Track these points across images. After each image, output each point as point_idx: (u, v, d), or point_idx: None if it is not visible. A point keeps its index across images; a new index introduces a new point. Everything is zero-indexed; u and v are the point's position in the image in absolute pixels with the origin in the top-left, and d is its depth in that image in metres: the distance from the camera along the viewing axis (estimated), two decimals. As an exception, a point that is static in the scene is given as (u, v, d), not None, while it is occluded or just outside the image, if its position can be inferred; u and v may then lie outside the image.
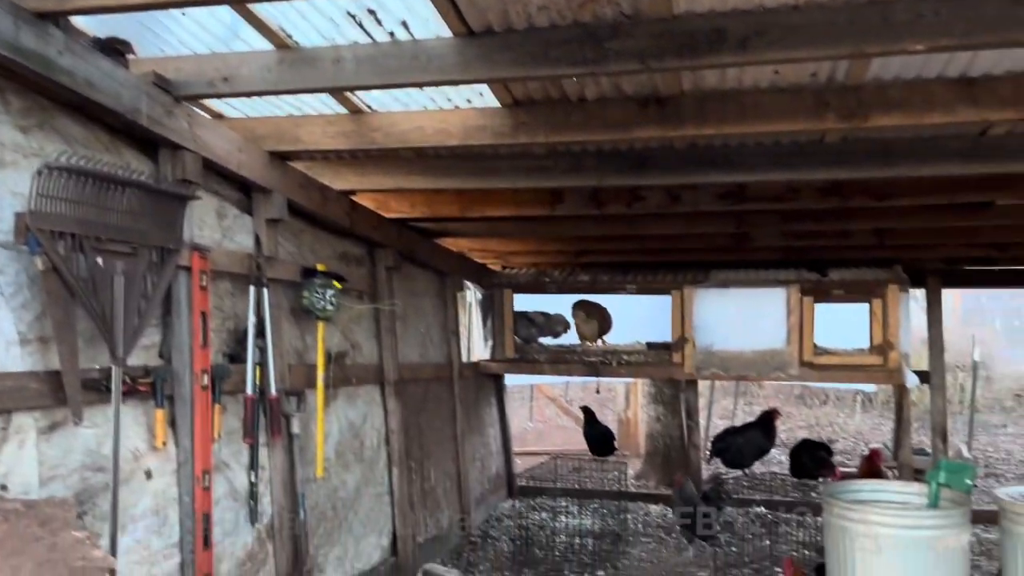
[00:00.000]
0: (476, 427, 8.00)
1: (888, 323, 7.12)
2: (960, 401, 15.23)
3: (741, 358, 7.44)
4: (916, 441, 9.97)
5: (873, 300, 7.23)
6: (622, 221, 6.24)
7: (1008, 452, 12.60)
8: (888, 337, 7.12)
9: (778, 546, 7.05)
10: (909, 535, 3.85)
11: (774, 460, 10.73)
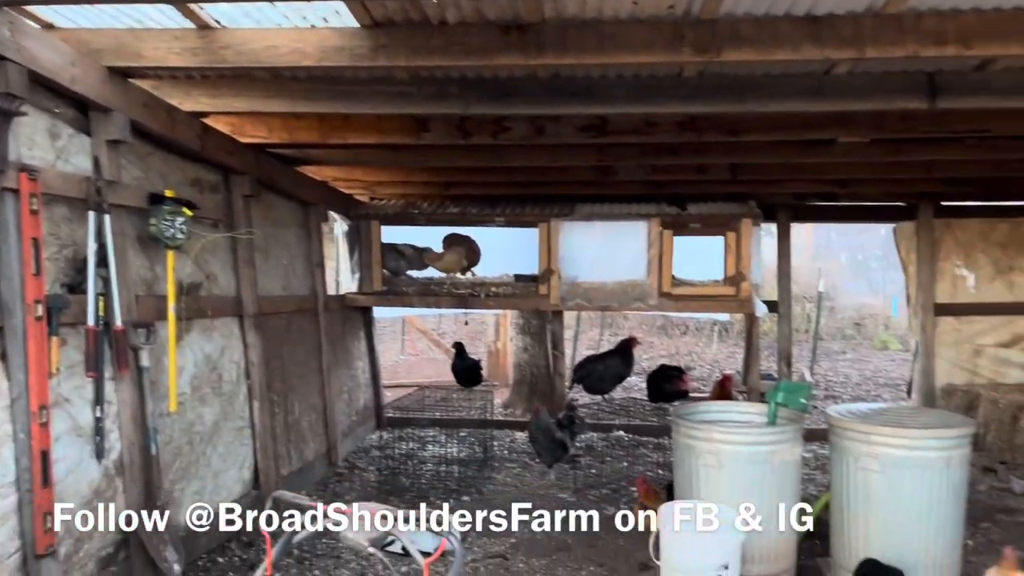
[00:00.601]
0: (343, 360, 7.92)
1: (741, 256, 7.49)
2: (806, 330, 16.30)
3: (604, 289, 7.67)
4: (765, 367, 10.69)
5: (728, 233, 7.58)
6: (488, 152, 6.21)
7: (846, 376, 13.66)
8: (741, 269, 7.49)
9: (635, 467, 7.43)
10: (747, 450, 4.14)
11: (636, 387, 11.24)
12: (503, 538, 5.53)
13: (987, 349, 8.58)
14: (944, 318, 8.56)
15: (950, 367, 8.57)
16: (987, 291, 8.54)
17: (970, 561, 5.23)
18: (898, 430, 4.10)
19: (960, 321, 8.57)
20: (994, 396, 7.50)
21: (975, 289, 8.55)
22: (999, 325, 8.56)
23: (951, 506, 4.10)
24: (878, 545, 4.06)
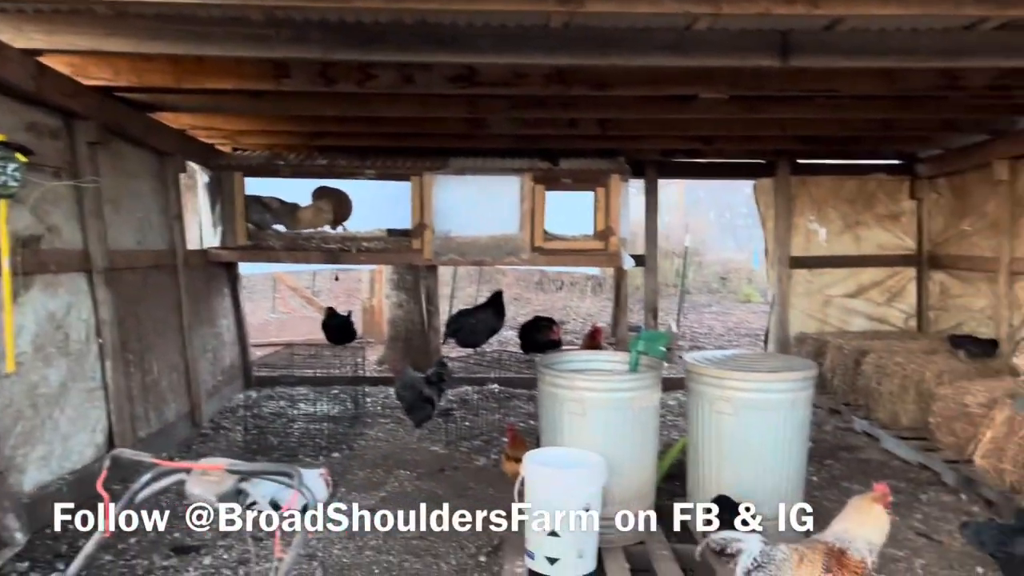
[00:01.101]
0: (206, 318, 7.62)
1: (610, 211, 7.64)
2: (675, 284, 16.89)
3: (477, 244, 7.67)
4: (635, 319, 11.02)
5: (598, 189, 7.71)
6: (355, 101, 6.03)
7: (711, 327, 14.29)
8: (610, 224, 7.65)
9: (508, 418, 7.53)
10: (609, 397, 4.25)
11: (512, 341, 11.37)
12: (373, 492, 5.52)
13: (835, 299, 9.16)
14: (798, 271, 9.06)
15: (803, 317, 9.10)
16: (836, 245, 9.09)
17: (814, 495, 5.65)
18: (748, 375, 4.31)
19: (812, 273, 9.10)
20: (840, 343, 8.02)
21: (826, 243, 9.08)
22: (846, 277, 9.14)
23: (795, 443, 4.36)
24: (729, 482, 4.28)
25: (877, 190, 9.03)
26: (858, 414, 7.33)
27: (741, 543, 3.49)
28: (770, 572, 3.38)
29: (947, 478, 5.75)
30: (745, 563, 3.43)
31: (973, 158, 7.80)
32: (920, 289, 9.01)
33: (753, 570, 3.40)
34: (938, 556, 4.61)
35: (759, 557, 3.41)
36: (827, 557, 3.37)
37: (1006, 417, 5.27)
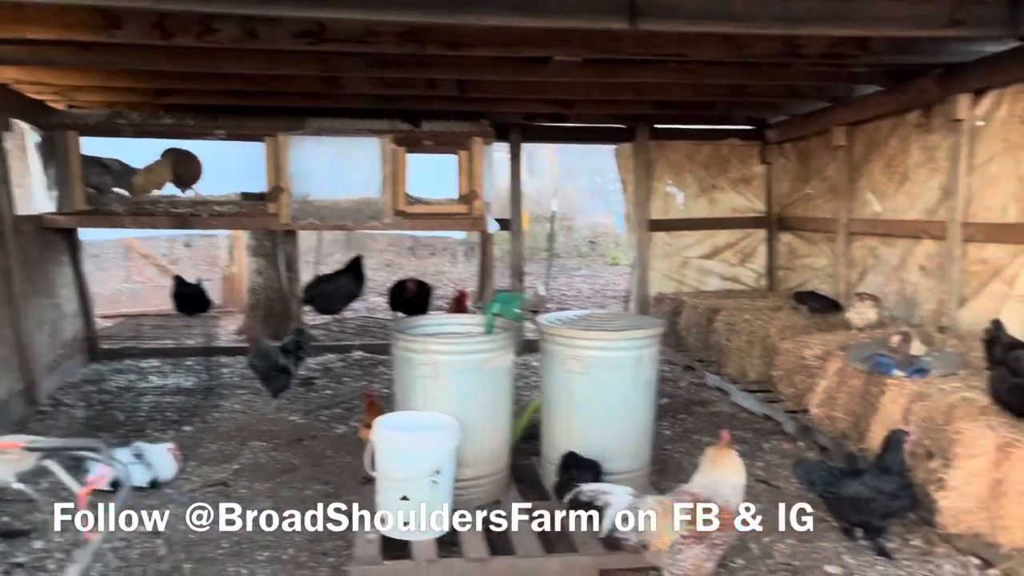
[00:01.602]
0: (43, 288, 7.09)
1: (473, 174, 7.58)
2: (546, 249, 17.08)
3: (337, 207, 7.46)
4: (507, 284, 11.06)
5: (460, 152, 7.63)
6: (197, 56, 5.69)
7: (579, 290, 14.58)
8: (473, 187, 7.60)
9: (373, 385, 7.44)
10: (462, 359, 4.24)
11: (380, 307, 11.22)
12: (226, 464, 5.33)
13: (692, 261, 9.51)
14: (657, 233, 9.34)
15: (662, 278, 9.41)
16: (693, 208, 9.41)
17: (665, 448, 5.88)
18: (597, 333, 4.40)
19: (670, 236, 9.40)
20: (695, 302, 8.33)
21: (683, 206, 9.38)
22: (702, 239, 9.50)
23: (642, 399, 4.49)
24: (580, 439, 4.37)
25: (730, 155, 9.39)
26: (710, 370, 7.66)
27: (609, 496, 3.57)
28: (635, 524, 3.47)
29: (788, 427, 6.10)
30: (612, 516, 3.51)
31: (815, 124, 8.21)
32: (770, 250, 9.48)
33: (619, 523, 3.49)
34: (776, 500, 4.89)
35: (626, 509, 3.49)
36: (692, 509, 3.45)
37: (838, 368, 5.62)
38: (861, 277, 7.65)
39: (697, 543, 3.44)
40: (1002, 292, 5.77)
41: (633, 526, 3.48)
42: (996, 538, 3.91)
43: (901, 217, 7.01)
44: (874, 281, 7.43)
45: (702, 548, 3.44)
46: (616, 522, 3.51)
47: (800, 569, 3.99)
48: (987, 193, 5.94)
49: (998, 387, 4.26)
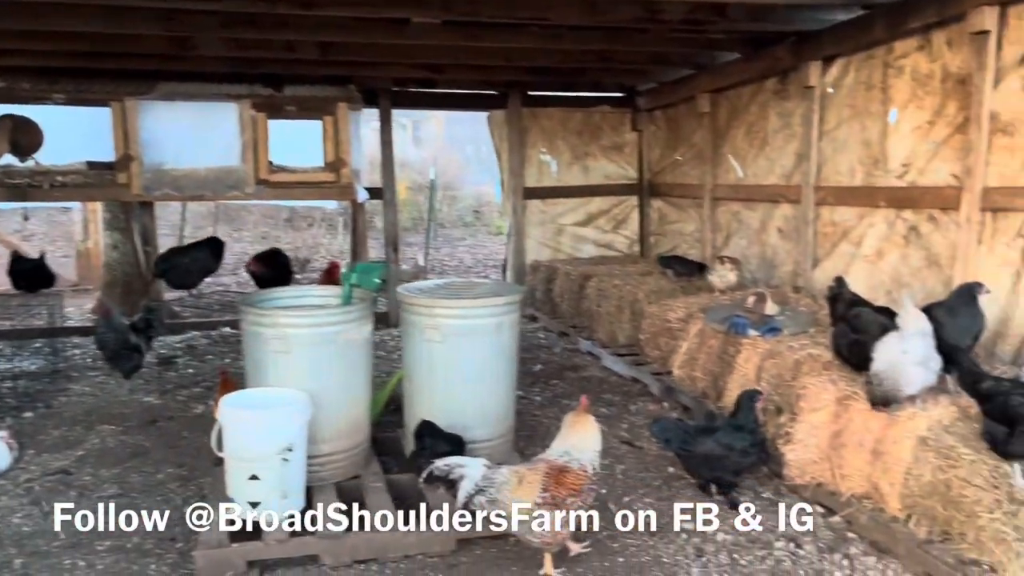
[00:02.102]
0: None
1: (340, 141, 7.34)
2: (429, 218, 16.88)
3: (195, 177, 7.08)
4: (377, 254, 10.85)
5: (325, 118, 7.36)
6: (22, 10, 5.24)
7: (461, 260, 14.49)
8: (340, 154, 7.35)
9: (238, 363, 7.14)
10: (314, 332, 4.08)
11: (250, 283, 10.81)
12: (69, 451, 5.00)
13: (567, 228, 9.57)
14: (532, 201, 9.34)
15: (537, 245, 9.43)
16: (567, 175, 9.45)
17: (535, 415, 5.90)
18: (454, 301, 4.33)
19: (545, 204, 9.42)
20: (568, 269, 8.40)
21: (557, 174, 9.41)
22: (577, 206, 9.56)
23: (504, 366, 4.46)
24: (441, 409, 4.30)
25: (602, 122, 9.46)
26: (583, 335, 7.75)
27: (464, 468, 3.53)
28: (491, 495, 3.45)
29: (653, 389, 6.23)
30: (467, 488, 3.47)
31: (682, 91, 8.35)
32: (642, 216, 9.64)
33: (475, 494, 3.46)
34: (637, 461, 4.98)
35: (480, 481, 3.47)
36: (547, 477, 3.48)
37: (698, 329, 5.76)
38: (726, 241, 7.87)
39: (552, 509, 3.45)
40: (850, 252, 6.04)
41: (489, 498, 3.46)
42: (837, 487, 4.09)
43: (761, 182, 7.23)
44: (738, 244, 7.66)
45: (558, 513, 3.46)
46: (472, 494, 3.48)
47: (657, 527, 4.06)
48: (837, 158, 6.17)
49: (839, 342, 4.44)
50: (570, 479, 3.49)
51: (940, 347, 3.85)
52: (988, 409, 3.37)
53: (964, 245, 4.87)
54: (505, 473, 3.52)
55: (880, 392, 3.85)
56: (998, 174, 4.69)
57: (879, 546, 3.77)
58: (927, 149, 5.26)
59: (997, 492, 3.23)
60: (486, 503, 3.47)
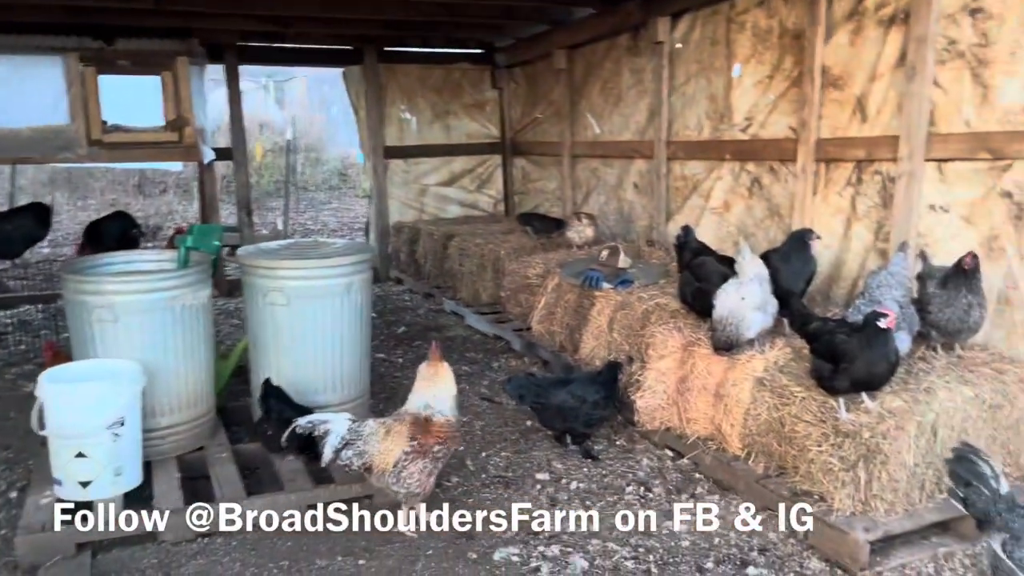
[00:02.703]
0: None
1: (180, 98, 6.91)
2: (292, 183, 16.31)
3: (18, 138, 6.54)
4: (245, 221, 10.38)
5: (163, 73, 6.90)
6: None
7: (325, 224, 14.10)
8: (182, 113, 6.94)
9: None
10: (145, 299, 3.81)
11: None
12: None
13: (431, 188, 9.43)
14: (394, 161, 9.14)
15: (401, 206, 9.26)
16: (428, 134, 9.29)
17: (396, 376, 5.82)
18: (299, 262, 4.14)
19: (408, 163, 9.24)
20: (431, 229, 8.29)
21: (418, 132, 9.23)
22: (440, 166, 9.43)
23: (356, 328, 4.33)
24: (289, 376, 4.13)
25: (462, 79, 9.33)
26: (447, 295, 7.69)
27: (329, 424, 3.44)
28: (358, 448, 3.39)
29: (515, 345, 6.26)
30: (334, 442, 3.39)
31: (538, 48, 8.33)
32: (505, 175, 9.61)
33: (342, 448, 3.39)
34: (496, 416, 4.99)
35: (347, 435, 3.40)
36: (413, 427, 3.46)
37: (555, 284, 5.80)
38: (586, 198, 7.96)
39: (420, 458, 3.44)
40: (701, 205, 6.21)
41: (356, 451, 3.40)
42: (684, 430, 4.22)
43: (617, 138, 7.32)
44: (597, 201, 7.76)
45: (425, 462, 3.45)
46: (339, 448, 3.40)
47: (512, 480, 4.08)
48: (686, 113, 6.31)
49: (684, 290, 4.56)
50: (436, 428, 3.49)
51: (776, 291, 4.01)
52: (816, 348, 3.53)
53: (801, 195, 5.10)
54: (372, 425, 3.47)
55: (722, 337, 3.98)
56: (830, 126, 4.91)
57: (722, 484, 3.93)
58: (767, 103, 5.45)
59: (824, 426, 3.41)
60: (354, 457, 3.41)
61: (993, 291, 3.96)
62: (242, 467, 3.99)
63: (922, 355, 3.88)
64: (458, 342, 6.72)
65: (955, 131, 4.12)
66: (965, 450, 2.95)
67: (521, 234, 7.49)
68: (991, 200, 4.00)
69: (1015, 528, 2.70)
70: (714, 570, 3.22)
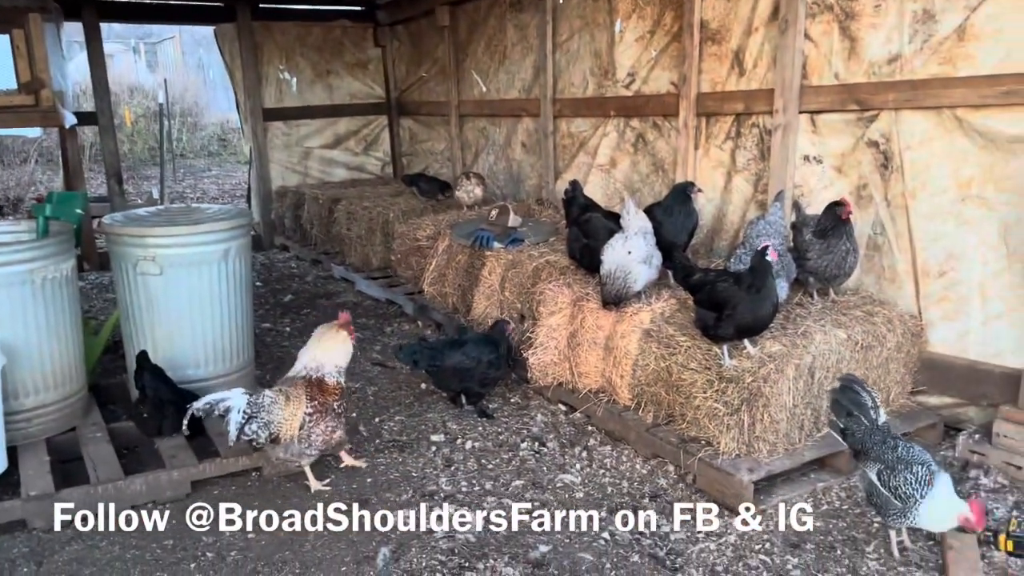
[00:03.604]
0: None
1: (35, 57, 6.40)
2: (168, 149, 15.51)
3: None
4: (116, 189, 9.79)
5: (14, 31, 6.36)
6: None
7: (205, 192, 13.52)
8: (37, 74, 6.43)
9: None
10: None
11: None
12: None
13: (315, 151, 9.13)
14: (274, 123, 8.79)
15: (283, 170, 8.94)
16: (309, 95, 8.96)
17: (283, 345, 5.65)
18: (171, 228, 3.92)
19: (289, 125, 8.91)
20: (316, 193, 8.04)
21: (298, 93, 8.89)
22: (323, 127, 9.13)
23: (236, 296, 4.14)
24: (165, 349, 3.94)
25: (343, 38, 9.02)
26: (335, 261, 7.50)
27: (228, 401, 3.34)
28: (263, 419, 3.32)
29: (408, 309, 6.17)
30: (237, 419, 3.29)
31: (421, 4, 8.12)
32: (392, 136, 9.41)
33: (246, 423, 3.30)
34: (389, 381, 4.92)
35: (248, 408, 3.31)
36: (308, 388, 3.42)
37: (446, 246, 5.73)
38: (475, 158, 7.88)
39: (323, 416, 3.42)
40: (588, 163, 6.24)
41: (261, 422, 3.32)
42: (576, 385, 4.26)
43: (504, 96, 7.25)
44: (486, 161, 7.69)
45: (328, 420, 3.43)
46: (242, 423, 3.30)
47: (407, 443, 4.03)
48: (571, 69, 6.29)
49: (572, 246, 4.58)
50: (329, 388, 3.47)
51: (659, 244, 4.07)
52: (699, 299, 3.61)
53: (683, 150, 5.18)
54: (270, 395, 3.40)
55: (611, 291, 4.01)
56: (710, 80, 4.99)
57: (614, 435, 3.99)
58: (649, 58, 5.49)
59: (709, 373, 3.49)
60: (260, 429, 3.33)
61: (863, 238, 4.14)
62: (120, 447, 3.79)
63: (799, 301, 4.03)
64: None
65: (826, 83, 4.25)
66: (849, 380, 3.09)
67: (410, 196, 7.37)
68: (860, 150, 4.17)
69: (889, 458, 2.85)
70: (608, 518, 3.28)
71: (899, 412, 3.87)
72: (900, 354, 3.82)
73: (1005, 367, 3.66)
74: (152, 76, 23.33)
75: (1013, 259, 3.60)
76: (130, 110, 16.69)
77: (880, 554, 3.00)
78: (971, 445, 3.59)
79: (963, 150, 3.71)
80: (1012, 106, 3.48)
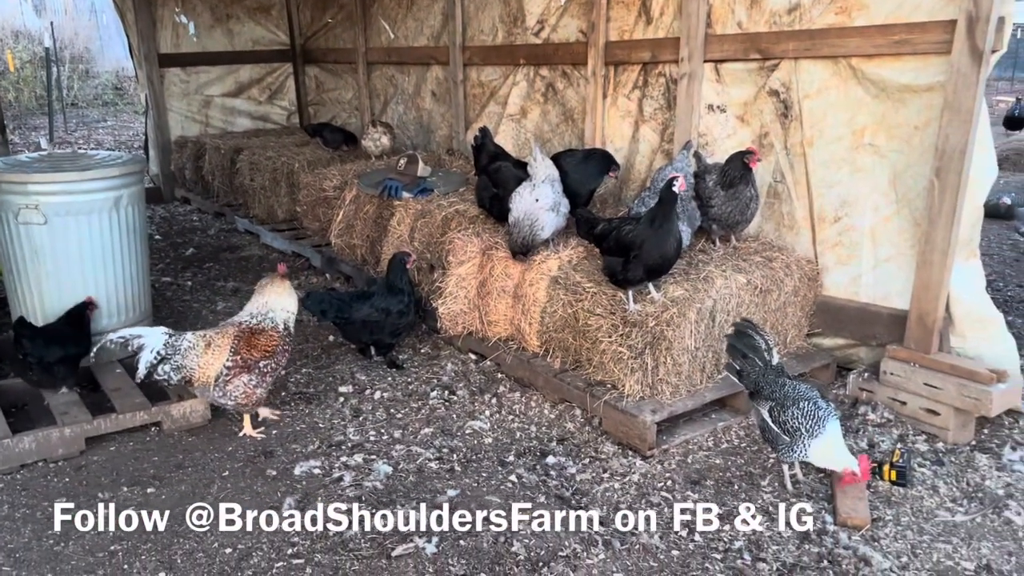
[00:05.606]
0: None
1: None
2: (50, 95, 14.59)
3: None
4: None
5: None
6: None
7: (99, 143, 12.85)
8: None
9: None
10: None
11: None
12: None
13: (216, 100, 8.76)
14: (171, 69, 8.38)
15: (182, 120, 8.56)
16: (209, 40, 8.56)
17: (185, 299, 5.46)
18: (56, 175, 3.71)
19: (187, 72, 8.51)
20: (217, 143, 7.74)
21: (197, 38, 8.48)
22: (224, 75, 8.75)
23: (130, 246, 3.97)
24: (54, 302, 3.76)
25: (243, -20, 8.64)
26: (239, 213, 7.27)
27: (143, 338, 3.25)
28: (175, 363, 3.26)
29: (315, 262, 6.04)
30: (148, 358, 3.22)
31: (323, -54, 7.83)
32: (298, 85, 9.09)
33: (158, 363, 3.23)
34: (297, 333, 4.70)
35: (163, 349, 3.24)
36: (236, 340, 3.36)
37: (354, 196, 5.61)
38: (384, 107, 7.70)
39: (244, 372, 3.35)
40: (499, 113, 6.17)
41: (174, 365, 3.26)
42: (486, 333, 4.26)
43: (412, 44, 7.09)
44: (395, 111, 7.54)
45: (250, 376, 3.37)
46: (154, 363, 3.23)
47: (314, 395, 3.97)
48: (480, 16, 6.18)
49: (482, 195, 4.55)
50: (263, 340, 3.41)
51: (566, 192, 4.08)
52: (606, 247, 3.63)
53: (592, 99, 5.17)
54: (191, 338, 3.32)
55: (519, 240, 4.00)
56: (618, 29, 4.98)
57: (523, 382, 4.03)
58: (558, 6, 5.43)
59: (614, 318, 3.54)
60: (172, 371, 3.26)
61: (764, 185, 4.25)
62: (7, 405, 3.61)
63: (702, 248, 4.11)
64: (254, 262, 6.40)
65: (729, 32, 4.30)
66: (744, 325, 3.19)
67: (316, 146, 7.17)
68: (761, 99, 4.24)
69: (778, 395, 2.96)
70: (515, 462, 3.31)
71: (796, 354, 4.02)
72: (797, 298, 3.96)
73: (893, 308, 3.83)
74: (39, 21, 21.87)
75: (901, 205, 3.75)
76: (13, 54, 15.64)
77: (775, 487, 3.14)
78: (861, 383, 3.76)
79: (857, 99, 3.82)
80: (902, 55, 3.59)
